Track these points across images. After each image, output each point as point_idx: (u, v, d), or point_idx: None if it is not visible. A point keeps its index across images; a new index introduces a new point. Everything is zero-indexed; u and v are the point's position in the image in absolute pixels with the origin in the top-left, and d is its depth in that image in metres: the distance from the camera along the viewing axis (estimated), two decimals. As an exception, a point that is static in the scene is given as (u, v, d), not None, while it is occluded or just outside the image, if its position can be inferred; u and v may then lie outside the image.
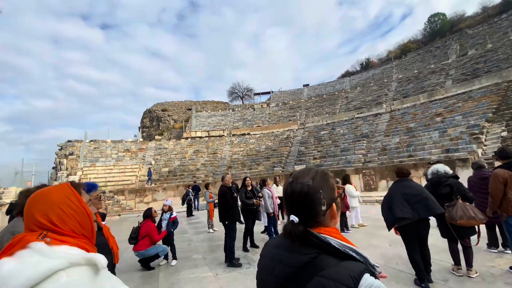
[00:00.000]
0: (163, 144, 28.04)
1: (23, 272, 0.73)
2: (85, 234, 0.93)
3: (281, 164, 23.20)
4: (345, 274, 0.68)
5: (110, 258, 2.09)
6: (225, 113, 46.90)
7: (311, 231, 0.78)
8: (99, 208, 2.21)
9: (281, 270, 0.79)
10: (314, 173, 0.87)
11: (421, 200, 3.36)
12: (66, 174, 18.46)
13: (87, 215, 0.95)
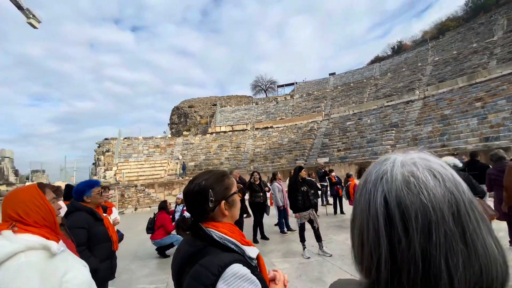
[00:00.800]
0: (189, 139, 29.24)
1: None
2: (47, 225, 1.14)
3: (303, 157, 22.95)
4: (215, 263, 0.78)
5: (110, 245, 2.38)
6: (248, 107, 47.24)
7: (200, 225, 0.89)
8: (100, 202, 2.50)
9: (177, 260, 0.91)
10: (209, 175, 0.97)
11: None
12: (104, 170, 20.23)
13: (49, 210, 1.16)
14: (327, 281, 3.41)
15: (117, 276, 4.13)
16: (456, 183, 0.40)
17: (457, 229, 0.36)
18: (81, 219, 2.16)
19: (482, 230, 0.37)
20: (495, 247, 0.37)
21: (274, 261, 4.36)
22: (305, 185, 4.67)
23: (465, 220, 0.37)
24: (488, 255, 0.36)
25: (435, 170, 0.40)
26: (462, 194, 0.39)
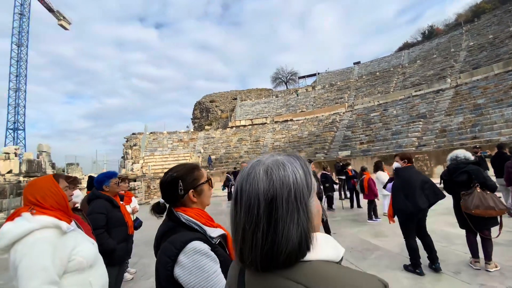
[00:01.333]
0: (210, 133, 30.01)
1: (13, 230, 1.21)
2: (60, 208, 1.40)
3: (324, 151, 22.60)
4: (178, 240, 0.96)
5: (126, 229, 2.69)
6: (268, 100, 47.07)
7: (171, 209, 1.07)
8: (117, 191, 2.81)
9: (156, 237, 1.11)
10: (181, 167, 1.14)
11: (430, 187, 3.22)
12: (131, 163, 21.56)
13: (62, 196, 1.42)
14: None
15: (138, 259, 4.56)
16: (282, 181, 0.50)
17: (265, 212, 0.49)
18: (100, 205, 2.48)
19: (288, 218, 0.48)
20: (295, 232, 0.48)
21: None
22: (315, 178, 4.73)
23: (275, 208, 0.48)
24: (283, 235, 0.47)
25: (271, 169, 0.52)
26: (283, 190, 0.49)
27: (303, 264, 0.49)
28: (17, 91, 32.36)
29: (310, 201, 0.52)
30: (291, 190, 0.50)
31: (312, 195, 0.53)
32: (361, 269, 3.48)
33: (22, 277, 1.15)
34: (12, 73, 32.42)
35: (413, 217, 3.29)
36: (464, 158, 3.36)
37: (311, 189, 0.53)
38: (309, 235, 0.50)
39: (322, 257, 0.50)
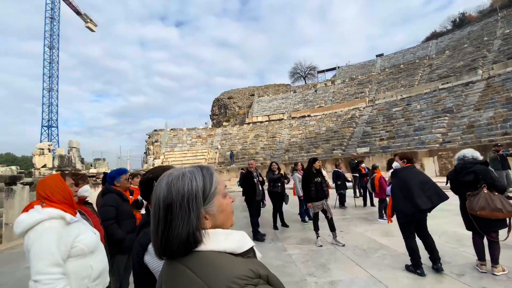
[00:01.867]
0: (228, 130, 30.46)
1: (26, 220, 1.44)
2: (66, 202, 1.62)
3: (341, 147, 22.13)
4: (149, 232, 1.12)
5: (134, 222, 2.94)
6: (286, 95, 46.67)
7: (148, 205, 1.23)
8: (127, 186, 3.07)
9: (137, 229, 1.27)
10: (157, 169, 1.29)
11: (432, 187, 3.15)
12: (153, 158, 22.55)
13: (68, 192, 1.64)
14: (330, 268, 3.56)
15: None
16: (178, 190, 0.64)
17: (163, 215, 0.62)
18: (111, 199, 2.74)
19: (179, 219, 0.61)
20: (184, 230, 0.60)
21: (287, 247, 4.63)
22: (319, 177, 4.76)
23: (170, 211, 0.62)
24: (174, 232, 0.61)
25: (171, 180, 0.65)
26: (178, 197, 0.63)
27: (196, 253, 0.61)
28: (50, 91, 34.87)
29: (208, 204, 0.65)
30: (184, 196, 0.63)
31: (211, 199, 0.66)
32: (361, 267, 3.50)
33: (32, 259, 1.38)
34: (46, 74, 34.94)
35: (413, 219, 3.24)
36: (471, 157, 3.24)
37: (208, 195, 0.66)
38: (197, 232, 0.62)
39: (214, 249, 0.62)
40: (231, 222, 0.74)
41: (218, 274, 0.58)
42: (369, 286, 2.98)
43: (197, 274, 0.58)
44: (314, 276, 3.32)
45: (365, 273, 3.31)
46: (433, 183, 3.21)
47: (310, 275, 3.38)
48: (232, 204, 0.75)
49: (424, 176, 3.32)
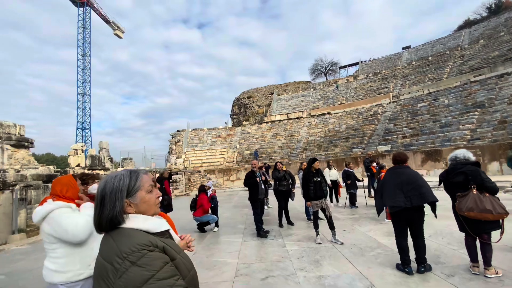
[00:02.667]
0: (246, 129, 30.89)
1: (41, 210, 1.83)
2: (73, 198, 1.99)
3: (361, 145, 21.53)
4: None
5: None
6: (305, 93, 46.10)
7: None
8: None
9: None
10: None
11: (415, 188, 3.19)
12: (175, 157, 23.61)
13: (77, 190, 2.01)
14: (323, 264, 3.71)
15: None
16: (110, 186, 0.93)
17: (99, 203, 0.92)
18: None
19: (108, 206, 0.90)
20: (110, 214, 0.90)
21: (287, 243, 4.81)
22: (319, 176, 4.88)
23: (103, 201, 0.92)
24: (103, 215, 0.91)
25: (108, 179, 0.96)
26: (108, 191, 0.93)
27: (118, 229, 0.91)
28: (83, 95, 37.74)
29: (132, 197, 0.96)
30: (112, 191, 0.92)
31: (134, 194, 0.96)
32: (353, 264, 3.60)
33: (64, 234, 1.76)
34: (79, 80, 37.86)
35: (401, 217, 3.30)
36: (463, 158, 3.20)
37: (132, 190, 0.96)
38: (120, 215, 0.91)
39: (132, 227, 0.92)
40: (154, 210, 1.01)
41: (126, 241, 0.86)
42: (354, 281, 3.10)
43: (115, 241, 0.88)
44: (305, 271, 3.50)
45: (354, 270, 3.42)
46: (418, 184, 3.24)
47: (301, 269, 3.55)
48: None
49: (408, 178, 3.35)
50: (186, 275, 0.95)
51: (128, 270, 0.83)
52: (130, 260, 0.84)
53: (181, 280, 0.90)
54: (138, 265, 0.83)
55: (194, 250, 1.59)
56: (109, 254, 0.88)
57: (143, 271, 0.83)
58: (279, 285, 3.13)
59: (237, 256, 4.31)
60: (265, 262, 3.92)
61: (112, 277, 0.84)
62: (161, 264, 0.86)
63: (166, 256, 0.90)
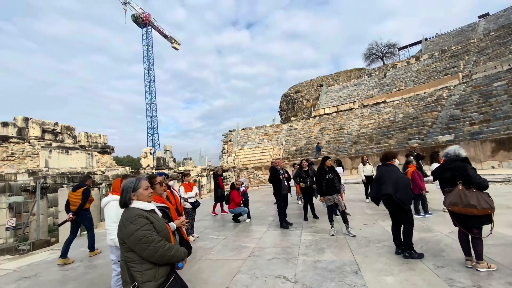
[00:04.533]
0: (293, 125, 31.09)
1: (105, 200, 3.01)
2: None
3: (419, 136, 19.55)
4: None
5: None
6: (358, 81, 43.33)
7: None
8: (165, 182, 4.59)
9: None
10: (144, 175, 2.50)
11: (379, 183, 3.74)
12: (227, 156, 25.62)
13: None
14: (325, 251, 4.17)
15: (204, 229, 6.46)
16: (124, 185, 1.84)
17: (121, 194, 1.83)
18: (158, 192, 4.28)
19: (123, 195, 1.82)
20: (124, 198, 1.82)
21: (303, 234, 5.34)
22: (332, 173, 5.23)
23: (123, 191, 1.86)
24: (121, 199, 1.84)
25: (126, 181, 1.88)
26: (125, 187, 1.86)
27: (128, 207, 1.81)
28: (151, 104, 43.65)
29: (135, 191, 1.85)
30: (126, 188, 1.83)
31: (136, 190, 1.86)
32: (353, 253, 3.97)
33: (106, 220, 2.88)
34: (146, 91, 43.88)
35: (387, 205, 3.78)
36: (454, 154, 3.25)
37: (135, 188, 1.86)
38: (128, 200, 1.81)
39: (134, 206, 1.80)
40: (146, 199, 1.89)
41: (129, 213, 1.78)
42: (344, 266, 3.52)
43: (125, 212, 1.78)
44: (306, 256, 4.04)
45: (351, 257, 3.81)
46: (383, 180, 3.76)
47: (304, 255, 4.11)
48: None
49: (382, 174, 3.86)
50: (159, 231, 1.79)
51: (128, 226, 1.70)
52: (130, 221, 1.72)
53: (154, 232, 1.73)
54: (133, 223, 1.70)
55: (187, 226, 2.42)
56: (122, 219, 1.77)
57: (135, 226, 1.69)
58: (279, 265, 3.78)
59: (256, 242, 5.08)
60: (277, 248, 4.59)
61: (123, 228, 1.73)
62: (144, 223, 1.71)
63: (148, 221, 1.75)
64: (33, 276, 4.28)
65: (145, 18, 46.28)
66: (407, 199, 3.62)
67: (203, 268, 3.98)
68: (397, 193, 3.57)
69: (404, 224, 3.67)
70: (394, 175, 3.70)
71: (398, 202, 3.58)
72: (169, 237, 1.87)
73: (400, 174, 3.80)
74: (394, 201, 3.62)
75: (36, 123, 14.97)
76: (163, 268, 1.74)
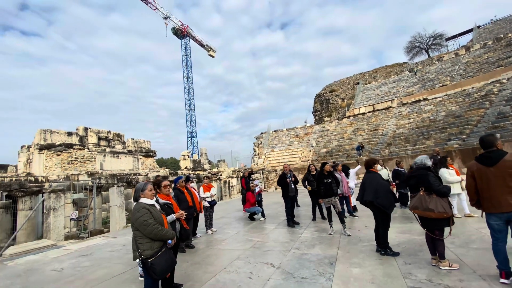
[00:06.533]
0: (325, 126, 30.75)
1: None
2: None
3: (461, 136, 18.05)
4: None
5: (187, 204, 5.35)
6: (398, 77, 40.83)
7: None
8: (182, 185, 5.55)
9: None
10: (159, 177, 3.44)
11: (363, 189, 4.21)
12: (258, 158, 26.60)
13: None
14: (315, 247, 4.72)
15: (222, 225, 7.40)
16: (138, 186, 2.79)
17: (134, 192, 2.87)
18: (175, 193, 5.29)
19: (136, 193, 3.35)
20: (137, 196, 2.77)
21: (304, 232, 5.91)
22: (330, 178, 5.71)
23: (135, 191, 2.90)
24: (134, 196, 2.78)
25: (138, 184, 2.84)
26: (137, 188, 2.82)
27: (138, 202, 2.77)
28: (190, 110, 46.95)
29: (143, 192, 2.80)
30: (136, 188, 2.81)
31: (144, 190, 2.81)
32: (338, 249, 4.46)
33: None
34: (186, 98, 47.32)
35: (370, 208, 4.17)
36: (421, 163, 3.58)
37: (143, 189, 2.81)
38: (138, 197, 2.78)
39: (141, 201, 2.76)
40: (150, 197, 2.81)
41: (137, 205, 2.76)
42: (325, 258, 4.06)
43: (135, 205, 2.75)
44: (297, 249, 4.66)
45: (334, 252, 4.32)
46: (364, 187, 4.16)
47: (296, 249, 4.73)
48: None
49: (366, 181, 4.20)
50: (156, 218, 2.69)
51: (135, 214, 2.65)
52: (137, 210, 2.67)
53: (152, 219, 2.63)
54: (138, 212, 2.64)
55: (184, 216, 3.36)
56: (133, 209, 2.73)
57: (139, 213, 2.62)
58: (272, 255, 4.48)
59: (262, 237, 5.82)
60: (276, 242, 5.27)
61: (133, 215, 2.68)
62: (145, 212, 2.63)
63: (148, 211, 2.66)
64: (88, 254, 5.65)
65: (184, 30, 50.02)
66: (388, 204, 3.98)
67: (212, 254, 4.87)
68: (378, 199, 3.96)
69: (381, 225, 4.06)
70: (375, 182, 4.11)
71: (379, 207, 3.98)
72: (163, 223, 2.76)
73: (381, 181, 4.17)
74: (375, 205, 4.02)
75: (93, 132, 17.82)
76: (157, 243, 2.63)
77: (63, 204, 8.18)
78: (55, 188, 8.09)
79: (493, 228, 2.91)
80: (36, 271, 4.71)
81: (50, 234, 7.66)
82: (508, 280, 2.82)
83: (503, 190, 2.74)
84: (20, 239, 7.67)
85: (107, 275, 4.19)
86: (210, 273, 3.88)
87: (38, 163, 18.24)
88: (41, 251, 6.19)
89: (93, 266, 4.74)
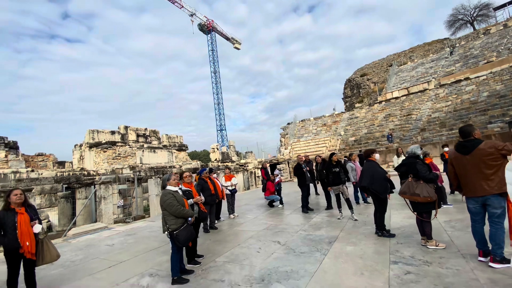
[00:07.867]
0: (355, 113, 29.83)
1: None
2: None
3: (504, 118, 16.48)
4: None
5: (210, 192, 6.15)
6: (437, 56, 37.67)
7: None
8: (206, 176, 6.34)
9: None
10: (179, 171, 4.23)
11: (361, 176, 4.58)
12: (284, 148, 27.02)
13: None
14: (321, 229, 5.22)
15: (244, 211, 8.19)
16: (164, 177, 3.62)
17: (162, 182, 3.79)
18: (199, 182, 6.12)
19: (163, 182, 4.14)
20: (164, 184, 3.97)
21: (315, 217, 6.39)
22: (338, 167, 6.08)
23: (162, 181, 3.79)
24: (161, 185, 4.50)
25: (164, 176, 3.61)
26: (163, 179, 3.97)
27: (165, 189, 3.59)
28: (218, 104, 48.56)
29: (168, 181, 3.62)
30: (163, 178, 3.66)
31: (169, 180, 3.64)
32: (341, 231, 4.91)
33: None
34: (214, 92, 48.93)
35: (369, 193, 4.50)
36: (411, 152, 3.85)
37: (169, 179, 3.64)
38: (164, 185, 3.61)
39: (167, 188, 3.58)
40: (174, 185, 3.61)
41: (164, 191, 3.60)
42: (326, 238, 4.56)
43: (163, 191, 3.58)
44: (304, 231, 5.21)
45: (336, 234, 4.79)
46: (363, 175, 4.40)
47: (303, 230, 5.28)
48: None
49: (364, 168, 4.40)
50: (179, 201, 3.48)
51: (163, 197, 3.46)
52: (164, 195, 3.48)
53: (175, 201, 3.42)
54: (165, 196, 3.45)
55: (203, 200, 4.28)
56: (161, 194, 3.56)
57: (166, 197, 3.42)
58: (280, 235, 5.10)
59: (276, 221, 6.46)
60: (287, 225, 5.87)
61: (161, 198, 3.50)
62: (170, 196, 3.42)
63: (172, 196, 3.45)
64: (133, 234, 6.83)
65: (209, 24, 51.23)
66: (382, 190, 4.33)
67: (231, 234, 5.66)
68: (373, 185, 4.34)
69: (378, 209, 4.42)
70: (371, 170, 4.46)
71: (374, 192, 4.36)
72: (184, 205, 3.53)
73: (377, 168, 4.49)
74: (371, 191, 4.41)
75: (132, 130, 19.90)
76: (180, 220, 3.42)
77: (111, 194, 9.67)
78: (104, 180, 9.59)
79: (471, 211, 3.16)
80: (93, 246, 5.95)
81: (102, 218, 9.19)
82: (485, 258, 3.09)
83: (478, 176, 2.98)
84: (79, 223, 9.35)
85: (146, 249, 5.20)
86: (227, 248, 4.65)
87: (89, 159, 21.04)
88: (96, 232, 7.59)
89: (136, 243, 5.83)
